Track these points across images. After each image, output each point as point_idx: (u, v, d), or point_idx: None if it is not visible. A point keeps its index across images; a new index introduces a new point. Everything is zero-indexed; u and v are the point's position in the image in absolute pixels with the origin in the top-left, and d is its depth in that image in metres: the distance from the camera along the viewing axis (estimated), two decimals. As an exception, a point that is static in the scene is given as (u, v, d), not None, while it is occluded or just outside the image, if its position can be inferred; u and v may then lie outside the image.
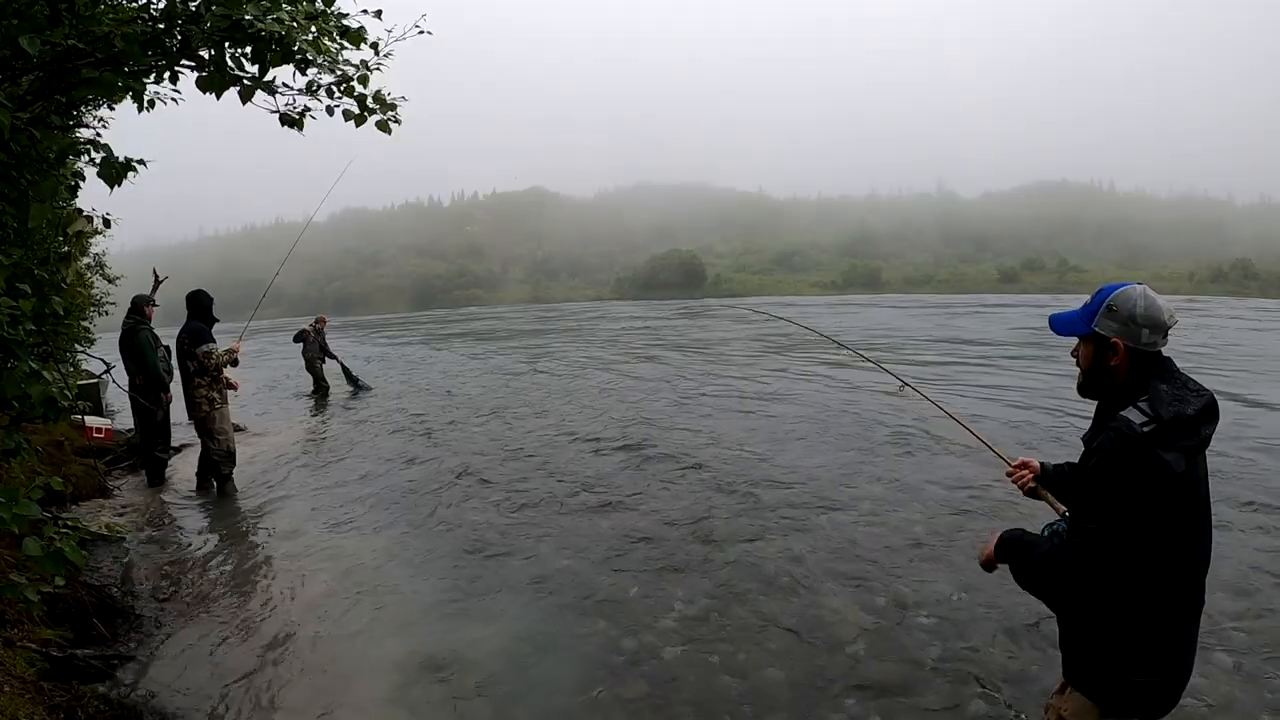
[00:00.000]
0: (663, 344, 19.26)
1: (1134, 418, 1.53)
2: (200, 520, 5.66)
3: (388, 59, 2.67)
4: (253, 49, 2.25)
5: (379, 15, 2.58)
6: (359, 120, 2.70)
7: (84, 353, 7.89)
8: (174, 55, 2.25)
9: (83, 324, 8.49)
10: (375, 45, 2.61)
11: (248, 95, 2.39)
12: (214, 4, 2.12)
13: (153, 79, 2.34)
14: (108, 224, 3.39)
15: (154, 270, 7.31)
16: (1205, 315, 24.47)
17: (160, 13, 2.25)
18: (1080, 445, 1.72)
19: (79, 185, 3.38)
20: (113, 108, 4.00)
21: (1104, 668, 1.63)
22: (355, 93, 2.66)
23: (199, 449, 6.43)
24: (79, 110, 3.66)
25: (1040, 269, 75.49)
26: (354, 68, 2.61)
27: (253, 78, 2.36)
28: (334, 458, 7.76)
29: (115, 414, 10.46)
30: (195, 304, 6.25)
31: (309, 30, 2.33)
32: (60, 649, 3.15)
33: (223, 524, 5.54)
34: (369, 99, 2.69)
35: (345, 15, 2.51)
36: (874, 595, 3.87)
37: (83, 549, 2.26)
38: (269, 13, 2.16)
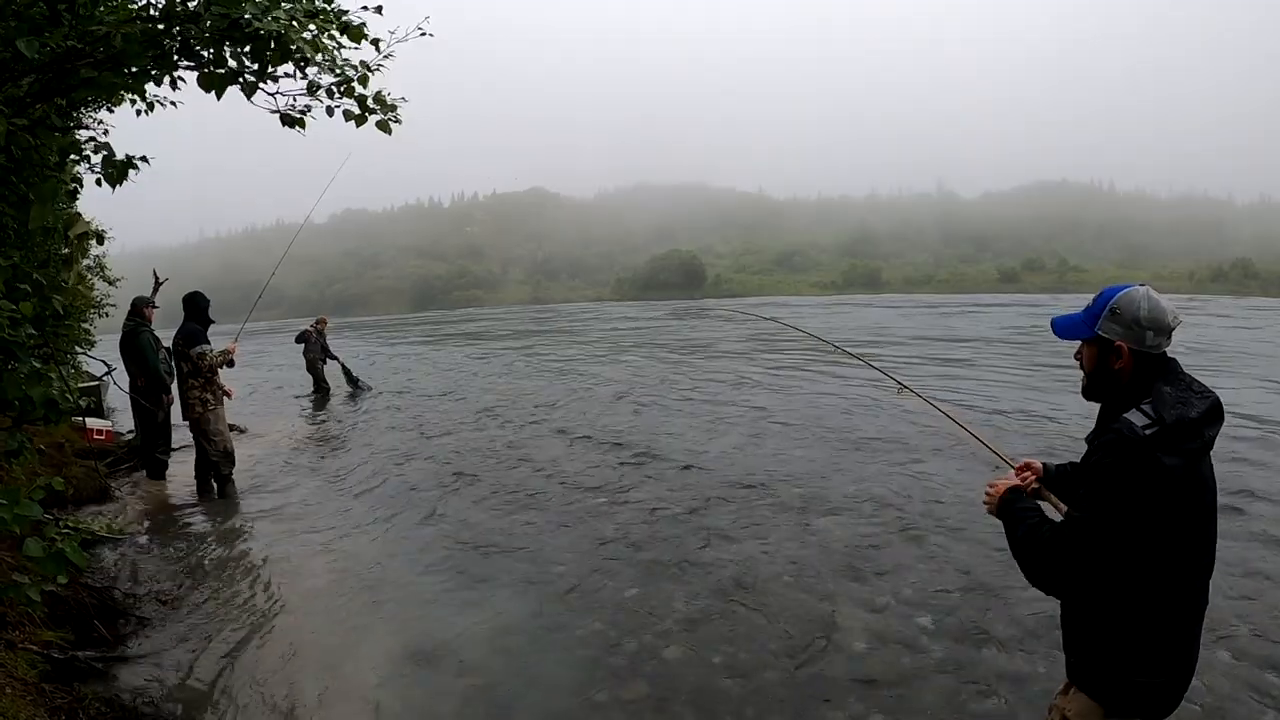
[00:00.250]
0: (663, 344, 19.25)
1: (1136, 420, 1.52)
2: (201, 521, 5.66)
3: (389, 60, 2.67)
4: (251, 48, 2.25)
5: (379, 11, 2.58)
6: (359, 120, 2.70)
7: (85, 354, 7.88)
8: (173, 62, 2.26)
9: (83, 326, 8.49)
10: (376, 42, 2.61)
11: (251, 90, 2.39)
12: (213, 4, 2.12)
13: (153, 83, 2.35)
14: (100, 239, 3.39)
15: (154, 272, 7.30)
16: (1191, 314, 24.41)
17: (160, 13, 2.25)
18: (1081, 446, 1.72)
19: (78, 190, 3.38)
20: (112, 110, 4.01)
21: (1107, 668, 1.63)
22: (356, 93, 2.66)
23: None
24: (79, 111, 3.66)
25: (1040, 269, 75.28)
26: (354, 68, 2.61)
27: (254, 73, 2.37)
28: (334, 457, 7.78)
29: (115, 413, 10.47)
30: (191, 305, 6.25)
31: (308, 28, 2.33)
32: (62, 651, 3.14)
33: (223, 525, 5.54)
34: (369, 99, 2.69)
35: (345, 11, 2.51)
36: (875, 595, 3.87)
37: (84, 550, 2.26)
38: (267, 12, 2.16)
